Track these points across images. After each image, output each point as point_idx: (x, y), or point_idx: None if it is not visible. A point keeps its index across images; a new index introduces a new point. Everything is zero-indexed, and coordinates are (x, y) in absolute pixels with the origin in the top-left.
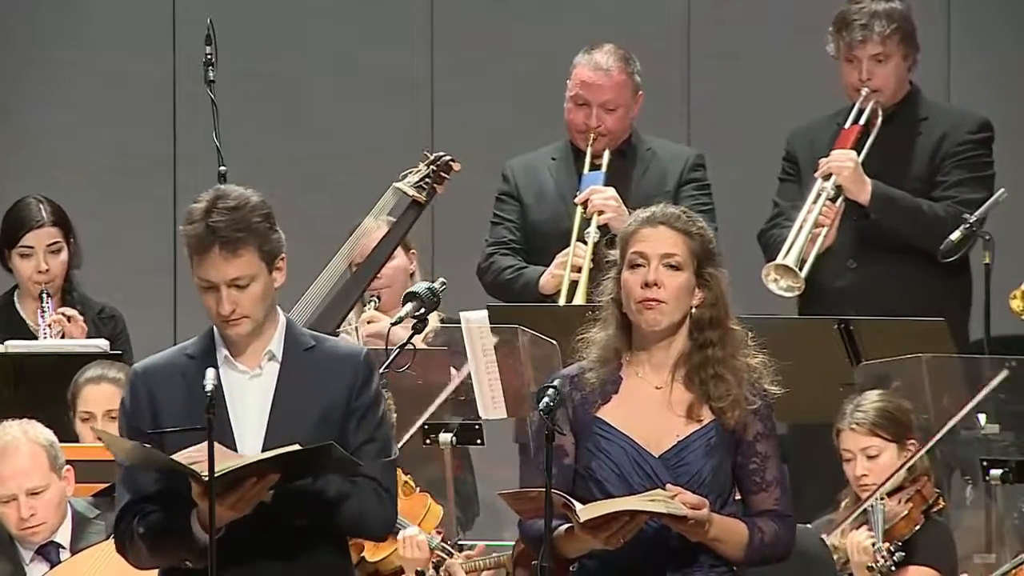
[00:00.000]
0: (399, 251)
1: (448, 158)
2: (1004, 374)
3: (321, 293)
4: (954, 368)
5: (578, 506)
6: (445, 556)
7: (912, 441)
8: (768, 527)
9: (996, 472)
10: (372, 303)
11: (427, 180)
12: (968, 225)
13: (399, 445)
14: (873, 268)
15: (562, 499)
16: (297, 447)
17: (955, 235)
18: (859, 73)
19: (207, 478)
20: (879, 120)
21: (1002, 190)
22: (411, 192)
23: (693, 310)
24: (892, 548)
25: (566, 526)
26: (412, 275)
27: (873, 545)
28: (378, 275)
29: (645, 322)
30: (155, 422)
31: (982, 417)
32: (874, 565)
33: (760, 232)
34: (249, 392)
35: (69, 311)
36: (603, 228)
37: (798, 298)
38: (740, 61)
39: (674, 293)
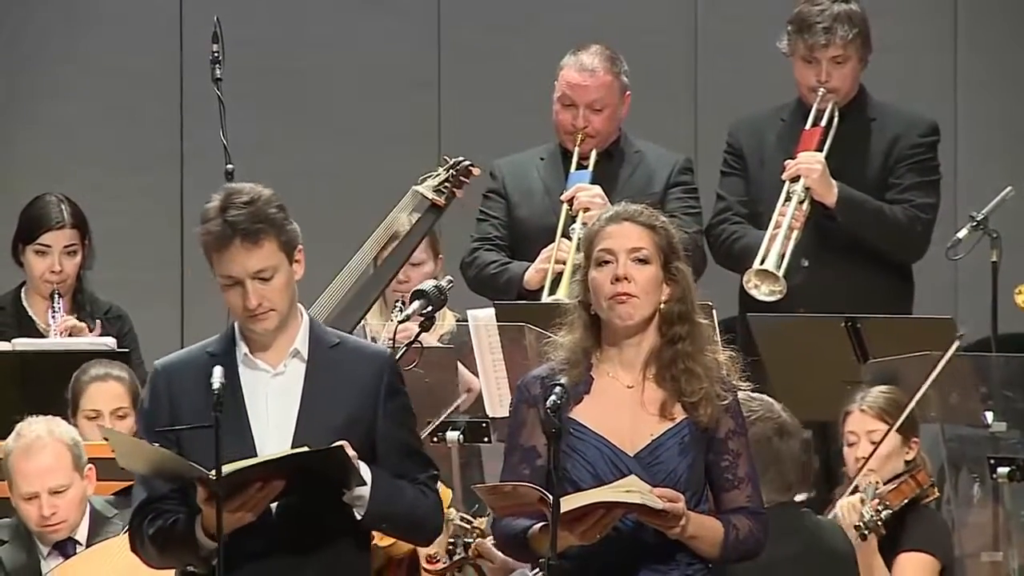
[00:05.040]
0: (428, 256)
1: (468, 163)
2: (956, 344)
3: (341, 291)
4: (960, 366)
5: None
6: (466, 526)
7: (915, 440)
8: (742, 524)
9: (1003, 470)
10: (398, 306)
11: (446, 184)
12: (975, 223)
13: None
14: (825, 268)
15: (538, 493)
16: (305, 449)
17: (962, 232)
18: (817, 74)
19: (212, 478)
20: (835, 120)
21: (1009, 188)
22: (430, 195)
23: (662, 306)
24: (879, 507)
25: (541, 524)
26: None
27: (862, 503)
28: (398, 277)
29: (618, 316)
30: (173, 421)
31: (989, 415)
32: (860, 524)
33: (707, 227)
34: (272, 391)
35: (75, 322)
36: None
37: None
38: (746, 55)
39: (644, 287)
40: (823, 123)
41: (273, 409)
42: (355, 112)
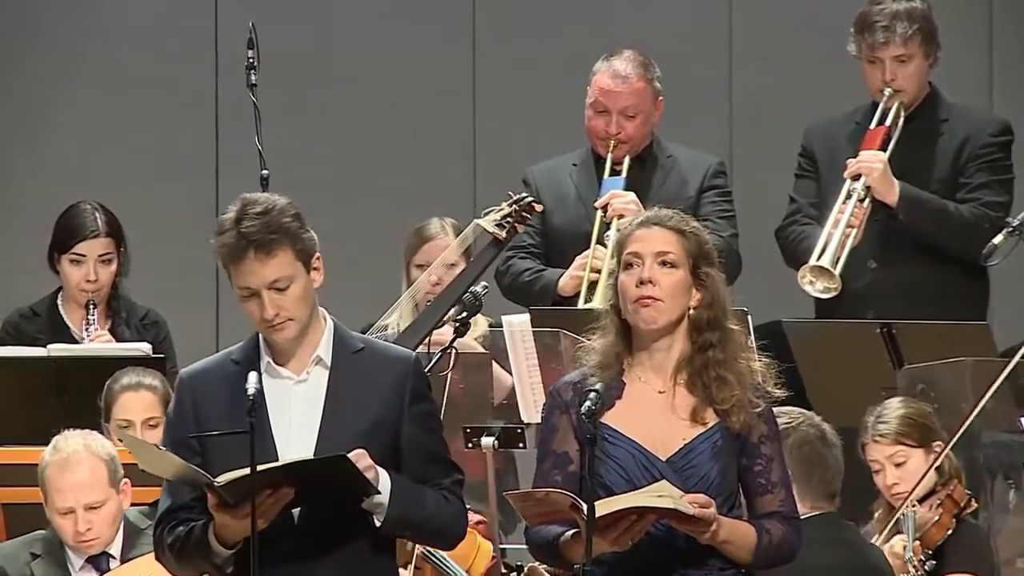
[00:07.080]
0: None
1: (531, 199)
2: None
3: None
4: (996, 371)
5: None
6: None
7: (938, 443)
8: (776, 529)
9: None
10: None
11: (509, 219)
12: (1011, 228)
13: None
14: (893, 269)
15: (570, 499)
16: (309, 457)
17: (997, 238)
18: (882, 74)
19: (217, 485)
20: (901, 120)
21: None
22: (492, 229)
23: (691, 311)
24: (923, 557)
25: (573, 531)
26: None
27: (904, 549)
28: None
29: (642, 320)
30: (198, 428)
31: None
32: (905, 575)
33: (777, 229)
34: (294, 398)
35: (108, 337)
36: None
37: (815, 299)
38: (782, 60)
39: (670, 291)
40: (887, 122)
41: (296, 417)
42: (390, 118)
